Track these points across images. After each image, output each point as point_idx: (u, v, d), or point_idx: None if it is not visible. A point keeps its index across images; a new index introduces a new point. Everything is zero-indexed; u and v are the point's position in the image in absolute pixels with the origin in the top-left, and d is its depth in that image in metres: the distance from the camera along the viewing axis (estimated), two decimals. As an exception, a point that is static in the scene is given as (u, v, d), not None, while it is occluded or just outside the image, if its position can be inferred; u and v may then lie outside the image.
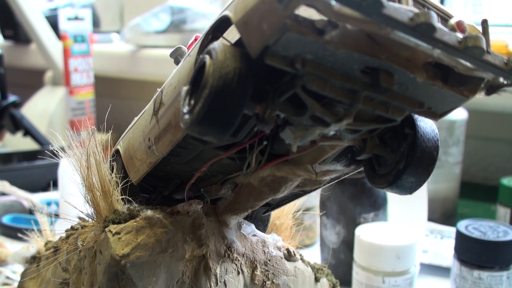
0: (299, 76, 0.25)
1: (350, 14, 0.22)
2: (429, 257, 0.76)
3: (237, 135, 0.28)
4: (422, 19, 0.22)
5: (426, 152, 0.30)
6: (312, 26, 0.23)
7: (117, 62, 1.42)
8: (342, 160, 0.34)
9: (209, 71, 0.25)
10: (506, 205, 0.85)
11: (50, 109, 1.37)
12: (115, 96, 1.58)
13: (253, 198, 0.34)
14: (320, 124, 0.27)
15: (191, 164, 0.35)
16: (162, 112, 0.33)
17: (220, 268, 0.36)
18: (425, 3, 0.27)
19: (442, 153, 0.90)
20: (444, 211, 0.93)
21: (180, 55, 0.37)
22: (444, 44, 0.24)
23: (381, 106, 0.27)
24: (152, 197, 0.39)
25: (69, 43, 1.29)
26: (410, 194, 0.32)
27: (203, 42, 0.30)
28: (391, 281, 0.60)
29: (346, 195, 0.68)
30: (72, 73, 1.30)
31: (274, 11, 0.23)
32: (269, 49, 0.24)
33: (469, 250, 0.60)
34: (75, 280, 0.37)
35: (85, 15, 1.32)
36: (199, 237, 0.35)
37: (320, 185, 0.35)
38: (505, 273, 0.59)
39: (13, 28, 1.56)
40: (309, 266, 0.42)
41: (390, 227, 0.64)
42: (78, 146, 0.38)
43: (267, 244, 0.39)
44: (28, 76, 1.70)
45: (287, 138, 0.28)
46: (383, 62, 0.25)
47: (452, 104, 0.29)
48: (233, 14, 0.26)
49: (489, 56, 0.25)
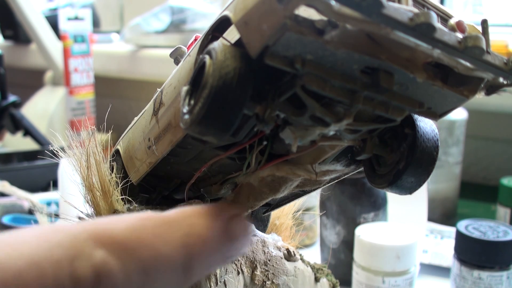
0: (299, 76, 0.25)
1: (350, 14, 0.22)
2: (429, 257, 0.76)
3: (237, 135, 0.28)
4: (422, 19, 0.22)
5: (426, 152, 0.30)
6: (312, 26, 0.23)
7: (117, 62, 1.42)
8: (342, 160, 0.34)
9: (209, 71, 0.25)
10: (506, 205, 0.85)
11: (50, 109, 1.37)
12: (115, 96, 1.58)
13: (253, 198, 0.34)
14: (320, 124, 0.27)
15: (191, 164, 0.35)
16: (162, 112, 0.33)
17: (220, 268, 0.36)
18: (425, 3, 0.27)
19: (442, 153, 0.90)
20: (444, 211, 0.93)
21: (180, 55, 0.37)
22: (444, 44, 0.24)
23: (381, 106, 0.27)
24: (152, 197, 0.39)
25: (69, 43, 1.29)
26: (410, 194, 0.32)
27: (203, 42, 0.30)
28: (391, 281, 0.60)
29: (346, 195, 0.68)
30: (72, 73, 1.30)
31: (274, 11, 0.23)
32: (269, 49, 0.24)
33: (469, 250, 0.60)
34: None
35: (85, 15, 1.32)
36: (199, 237, 0.35)
37: (320, 185, 0.35)
38: (505, 273, 0.59)
39: (13, 28, 1.56)
40: (309, 266, 0.42)
41: (390, 227, 0.64)
42: (78, 146, 0.38)
43: (267, 244, 0.39)
44: (28, 76, 1.70)
45: (287, 138, 0.28)
46: (383, 62, 0.25)
47: (452, 104, 0.29)
48: (233, 14, 0.26)
49: (489, 56, 0.25)
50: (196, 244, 0.23)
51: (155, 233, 0.22)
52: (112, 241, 0.21)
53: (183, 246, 0.22)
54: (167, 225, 0.23)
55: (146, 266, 0.21)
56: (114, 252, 0.21)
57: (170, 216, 0.23)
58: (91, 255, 0.20)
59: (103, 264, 0.21)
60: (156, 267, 0.22)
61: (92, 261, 0.20)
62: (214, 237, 0.23)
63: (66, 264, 0.20)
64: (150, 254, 0.22)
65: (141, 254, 0.21)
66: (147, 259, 0.21)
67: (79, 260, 0.20)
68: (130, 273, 0.21)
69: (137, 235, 0.22)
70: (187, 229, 0.23)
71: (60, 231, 0.21)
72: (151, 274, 0.22)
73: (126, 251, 0.21)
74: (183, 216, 0.23)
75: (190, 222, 0.23)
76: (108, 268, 0.21)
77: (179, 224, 0.23)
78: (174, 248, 0.22)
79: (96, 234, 0.21)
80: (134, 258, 0.21)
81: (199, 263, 0.23)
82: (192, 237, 0.23)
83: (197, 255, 0.23)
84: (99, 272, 0.20)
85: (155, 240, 0.22)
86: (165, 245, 0.22)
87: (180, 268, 0.22)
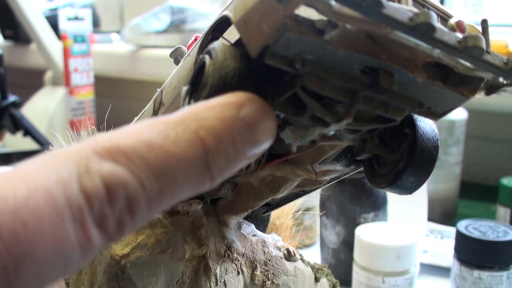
0: (299, 76, 0.25)
1: (350, 14, 0.22)
2: (429, 257, 0.76)
3: (237, 135, 0.28)
4: (422, 19, 0.22)
5: (426, 152, 0.30)
6: (312, 26, 0.23)
7: (117, 62, 1.42)
8: (342, 160, 0.34)
9: (208, 71, 0.25)
10: (506, 205, 0.85)
11: (50, 109, 1.37)
12: (115, 96, 1.58)
13: (253, 198, 0.34)
14: (320, 124, 0.27)
15: (191, 164, 0.35)
16: (162, 112, 0.33)
17: (220, 268, 0.36)
18: (425, 3, 0.27)
19: (442, 153, 0.90)
20: (444, 211, 0.93)
21: (180, 55, 0.37)
22: (444, 44, 0.24)
23: (381, 106, 0.27)
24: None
25: (69, 43, 1.29)
26: (410, 194, 0.32)
27: (203, 42, 0.30)
28: (391, 281, 0.60)
29: (346, 195, 0.68)
30: (72, 73, 1.30)
31: (274, 11, 0.23)
32: (269, 49, 0.24)
33: (469, 250, 0.60)
34: (75, 280, 0.37)
35: (85, 15, 1.32)
36: (199, 237, 0.35)
37: (320, 185, 0.35)
38: (505, 273, 0.59)
39: (13, 28, 1.56)
40: (309, 266, 0.42)
41: (390, 227, 0.64)
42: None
43: (267, 244, 0.40)
44: (28, 76, 1.70)
45: (287, 138, 0.28)
46: (383, 62, 0.25)
47: (452, 104, 0.29)
48: (233, 14, 0.26)
49: (489, 56, 0.25)
50: (209, 137, 0.21)
51: (164, 135, 0.21)
52: (118, 151, 0.20)
53: (195, 141, 0.21)
54: (173, 125, 0.21)
55: (159, 170, 0.20)
56: (122, 161, 0.20)
57: (177, 117, 0.22)
58: (98, 169, 0.20)
59: (112, 175, 0.20)
60: (171, 169, 0.21)
61: (101, 174, 0.20)
62: (227, 127, 0.22)
63: (74, 183, 0.19)
64: (161, 157, 0.20)
65: (152, 158, 0.20)
66: (159, 163, 0.20)
67: (87, 175, 0.20)
68: (143, 179, 0.20)
69: (143, 140, 0.21)
70: (196, 125, 0.21)
71: (63, 153, 0.20)
72: (168, 177, 0.21)
73: (134, 158, 0.20)
74: (190, 113, 0.22)
75: (199, 117, 0.22)
76: (118, 178, 0.20)
77: (187, 121, 0.22)
78: (186, 146, 0.21)
79: (100, 148, 0.20)
80: (144, 164, 0.20)
81: (220, 158, 0.22)
82: (203, 131, 0.21)
83: (213, 148, 0.21)
84: (110, 184, 0.20)
85: (164, 142, 0.21)
86: (176, 145, 0.21)
87: (198, 166, 0.21)
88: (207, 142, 0.21)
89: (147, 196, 0.20)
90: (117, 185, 0.20)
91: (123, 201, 0.20)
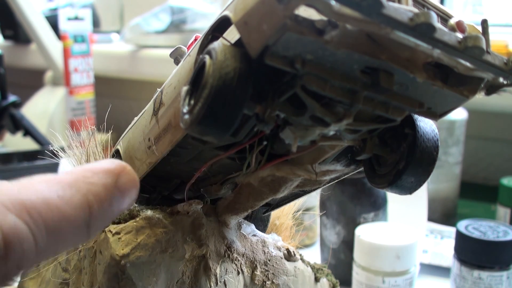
0: (299, 76, 0.25)
1: (350, 14, 0.22)
2: (429, 257, 0.76)
3: (237, 135, 0.28)
4: (422, 19, 0.22)
5: (426, 152, 0.30)
6: (312, 26, 0.23)
7: (117, 62, 1.42)
8: (342, 160, 0.34)
9: (209, 71, 0.25)
10: (506, 205, 0.85)
11: (50, 109, 1.37)
12: (115, 96, 1.58)
13: (253, 198, 0.34)
14: (320, 124, 0.27)
15: (191, 164, 0.35)
16: (162, 112, 0.33)
17: (220, 268, 0.36)
18: (425, 3, 0.27)
19: (442, 153, 0.90)
20: (444, 211, 0.93)
21: (180, 55, 0.37)
22: (444, 44, 0.24)
23: (381, 106, 0.27)
24: (152, 197, 0.39)
25: (69, 43, 1.29)
26: (410, 194, 0.32)
27: (203, 42, 0.30)
28: (391, 281, 0.60)
29: (346, 195, 0.68)
30: (72, 73, 1.30)
31: (274, 11, 0.23)
32: (269, 49, 0.24)
33: (469, 250, 0.60)
34: (75, 280, 0.37)
35: (85, 15, 1.32)
36: (199, 237, 0.35)
37: (320, 185, 0.35)
38: (505, 273, 0.59)
39: (13, 28, 1.56)
40: (309, 266, 0.42)
41: (390, 227, 0.64)
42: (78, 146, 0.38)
43: (267, 244, 0.40)
44: (28, 76, 1.70)
45: (287, 138, 0.28)
46: (383, 62, 0.25)
47: (452, 104, 0.29)
48: (233, 14, 0.26)
49: (489, 56, 0.25)
50: (95, 202, 0.24)
51: (59, 194, 0.23)
52: (22, 206, 0.22)
53: (84, 204, 0.24)
54: (68, 186, 0.24)
55: (52, 228, 0.22)
56: (24, 217, 0.21)
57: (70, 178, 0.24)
58: (2, 221, 0.21)
59: (14, 230, 0.21)
60: (62, 228, 0.23)
61: (1, 229, 0.21)
62: (108, 193, 0.25)
63: None
64: (56, 216, 0.22)
65: (49, 217, 0.22)
66: (53, 222, 0.22)
67: None
68: (38, 237, 0.22)
69: (44, 198, 0.22)
70: (86, 189, 0.24)
71: None
72: (58, 235, 0.22)
73: (34, 215, 0.22)
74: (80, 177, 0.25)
75: (88, 181, 0.24)
76: (19, 235, 0.21)
77: (79, 184, 0.24)
78: (76, 207, 0.23)
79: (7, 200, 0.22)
80: (42, 222, 0.22)
81: (99, 219, 0.24)
82: (91, 196, 0.24)
83: (96, 212, 0.24)
84: (9, 240, 0.21)
85: (60, 202, 0.23)
86: (69, 206, 0.23)
87: (83, 226, 0.24)
88: (93, 207, 0.24)
89: (37, 252, 0.22)
90: (15, 242, 0.21)
91: (16, 258, 0.21)
